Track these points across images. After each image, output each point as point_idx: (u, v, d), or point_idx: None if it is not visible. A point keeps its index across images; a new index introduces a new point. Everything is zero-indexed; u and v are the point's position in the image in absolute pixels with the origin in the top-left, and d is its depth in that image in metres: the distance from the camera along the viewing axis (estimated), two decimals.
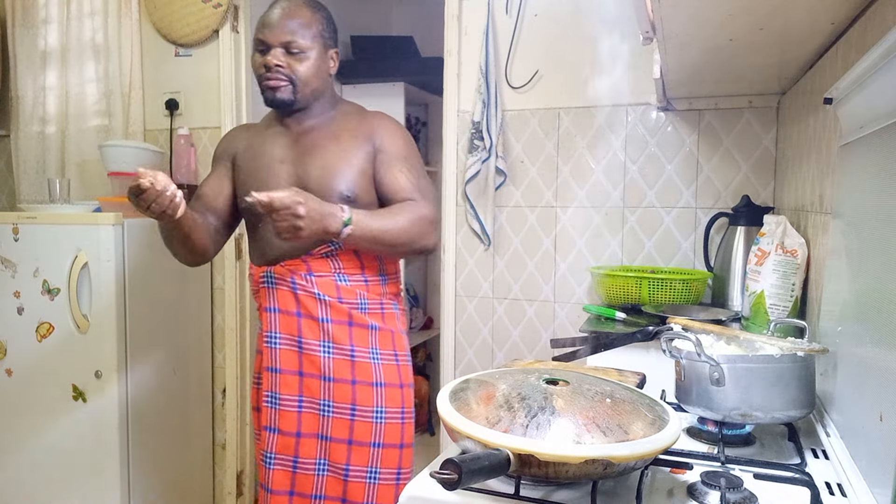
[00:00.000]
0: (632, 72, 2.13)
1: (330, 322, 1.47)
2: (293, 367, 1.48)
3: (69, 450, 2.17)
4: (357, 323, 1.49)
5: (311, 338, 1.47)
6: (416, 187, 1.50)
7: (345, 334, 1.48)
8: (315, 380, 1.47)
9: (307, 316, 1.47)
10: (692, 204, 2.11)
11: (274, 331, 1.49)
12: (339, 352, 1.47)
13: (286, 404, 1.48)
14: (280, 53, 1.45)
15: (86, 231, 2.11)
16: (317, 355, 1.47)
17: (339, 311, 1.48)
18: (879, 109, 0.86)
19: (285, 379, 1.48)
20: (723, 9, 1.09)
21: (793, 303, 1.43)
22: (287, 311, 1.48)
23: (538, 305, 2.30)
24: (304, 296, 1.47)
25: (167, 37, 2.58)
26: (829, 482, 0.87)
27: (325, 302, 1.47)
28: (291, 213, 1.25)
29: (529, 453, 0.72)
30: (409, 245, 1.45)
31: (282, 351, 1.49)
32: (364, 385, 1.47)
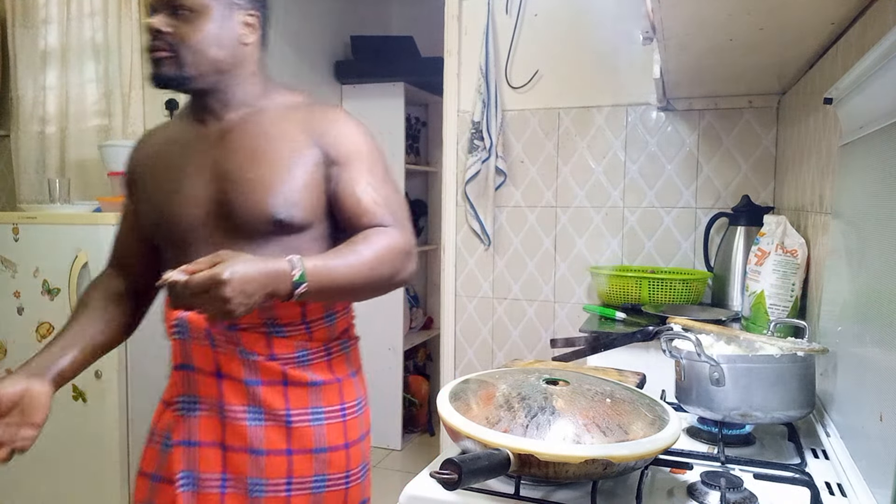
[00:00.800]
0: (632, 72, 2.13)
1: (259, 385, 1.13)
2: (215, 438, 1.14)
3: (69, 450, 2.17)
4: (294, 382, 1.16)
5: (236, 403, 1.13)
6: (385, 207, 1.15)
7: (278, 397, 1.14)
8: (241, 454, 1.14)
9: (229, 377, 1.13)
10: (692, 204, 2.11)
11: (190, 393, 1.15)
12: (271, 418, 1.14)
13: (207, 485, 1.14)
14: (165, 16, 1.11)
15: (86, 231, 2.11)
16: (243, 424, 1.13)
17: (270, 371, 1.14)
18: (879, 109, 0.86)
19: (205, 454, 1.13)
20: (723, 9, 1.09)
21: (793, 303, 1.43)
22: (204, 371, 1.14)
23: (538, 305, 2.30)
24: (224, 355, 1.13)
25: None
26: (829, 482, 0.87)
27: (251, 362, 1.13)
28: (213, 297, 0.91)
29: (529, 453, 0.72)
30: (379, 287, 1.12)
31: (202, 419, 1.14)
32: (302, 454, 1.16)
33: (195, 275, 0.92)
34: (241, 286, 0.93)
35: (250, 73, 1.19)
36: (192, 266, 0.93)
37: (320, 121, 1.17)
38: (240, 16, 1.15)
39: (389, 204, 1.16)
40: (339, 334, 1.25)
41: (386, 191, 1.17)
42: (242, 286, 0.93)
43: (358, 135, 1.19)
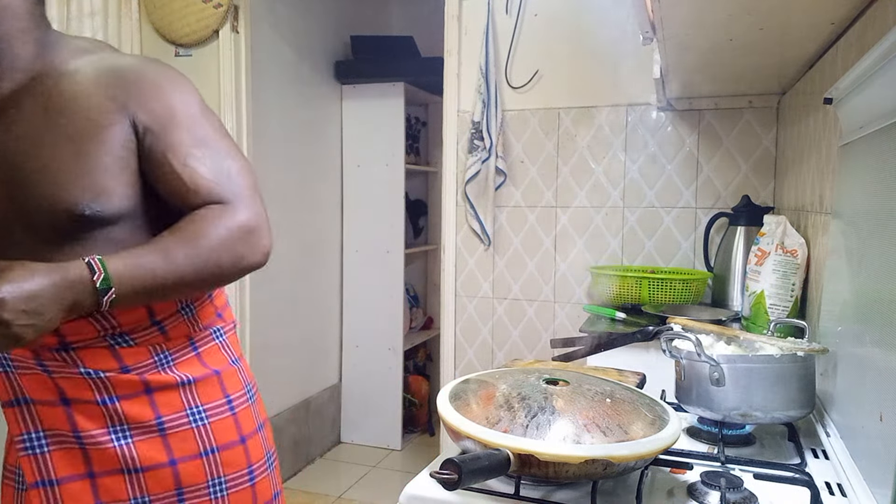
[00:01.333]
0: (632, 72, 2.13)
1: (118, 400, 0.95)
2: (78, 470, 0.96)
3: None
4: (159, 386, 0.98)
5: (94, 427, 0.95)
6: (218, 180, 0.93)
7: (144, 407, 0.97)
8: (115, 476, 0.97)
9: (78, 401, 0.94)
10: (692, 204, 2.11)
11: (31, 431, 0.94)
12: (140, 432, 0.97)
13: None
14: None
15: None
16: (109, 447, 0.95)
17: (127, 384, 0.96)
18: (879, 109, 0.86)
19: (70, 490, 0.95)
20: (723, 9, 1.09)
21: (793, 303, 1.43)
22: (44, 402, 0.94)
23: (538, 305, 2.30)
24: (64, 379, 0.93)
25: (167, 37, 2.58)
26: (829, 482, 0.87)
27: (101, 380, 0.94)
28: None
29: (529, 453, 0.72)
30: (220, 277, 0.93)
31: (55, 454, 0.95)
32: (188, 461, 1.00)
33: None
34: (20, 305, 0.76)
35: (17, 30, 0.91)
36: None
37: (124, 78, 0.93)
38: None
39: (223, 175, 0.94)
40: (207, 323, 1.06)
41: (213, 155, 0.95)
42: (23, 305, 0.76)
43: (173, 91, 0.95)
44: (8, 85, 0.91)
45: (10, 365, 0.94)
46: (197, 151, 0.93)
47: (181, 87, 0.95)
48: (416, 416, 3.44)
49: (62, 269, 0.80)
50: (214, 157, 0.94)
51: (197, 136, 0.93)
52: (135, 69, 0.94)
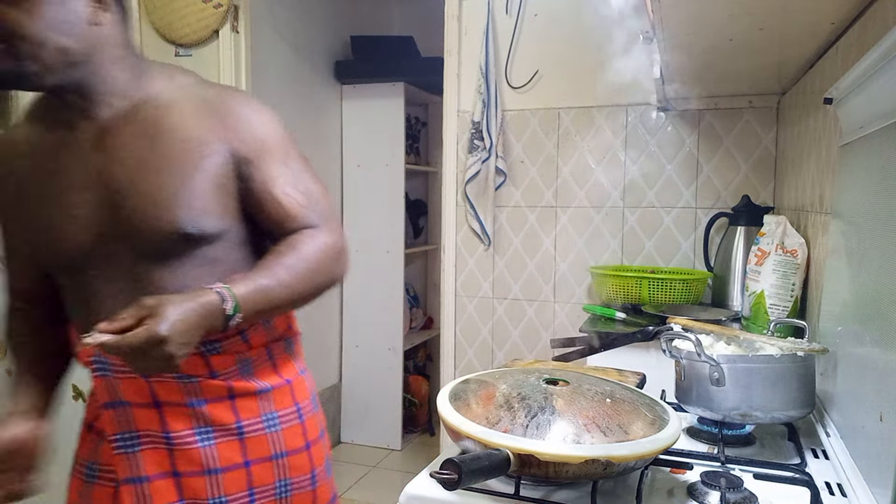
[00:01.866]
0: (631, 72, 2.13)
1: (204, 404, 1.04)
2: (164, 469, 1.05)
3: (69, 450, 2.16)
4: (241, 393, 1.07)
5: (182, 428, 1.03)
6: (309, 206, 1.04)
7: (227, 412, 1.06)
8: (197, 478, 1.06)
9: (169, 404, 1.03)
10: (692, 204, 2.11)
11: (128, 431, 1.03)
12: (222, 434, 1.06)
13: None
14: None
15: None
16: (194, 448, 1.04)
17: (213, 389, 1.05)
18: (879, 109, 0.86)
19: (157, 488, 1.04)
20: (723, 9, 1.09)
21: (793, 303, 1.43)
22: (139, 404, 1.03)
23: (538, 305, 2.30)
24: (158, 383, 1.02)
25: (167, 37, 2.58)
26: (829, 482, 0.87)
27: (192, 384, 1.03)
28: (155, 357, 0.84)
29: (529, 453, 0.72)
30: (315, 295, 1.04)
31: (145, 454, 1.04)
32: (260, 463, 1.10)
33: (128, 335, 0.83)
34: (178, 339, 0.85)
35: (114, 57, 0.98)
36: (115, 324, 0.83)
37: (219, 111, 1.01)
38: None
39: (312, 201, 1.05)
40: (280, 334, 1.14)
41: (305, 185, 1.05)
42: (182, 338, 0.85)
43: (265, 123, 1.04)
44: (107, 111, 0.98)
45: (111, 370, 1.02)
46: (290, 180, 1.03)
47: (268, 118, 1.05)
48: (416, 416, 3.44)
49: (199, 300, 0.88)
50: (301, 185, 1.05)
51: (289, 166, 1.04)
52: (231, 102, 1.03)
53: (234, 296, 0.91)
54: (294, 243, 1.01)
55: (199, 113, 1.00)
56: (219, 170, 0.99)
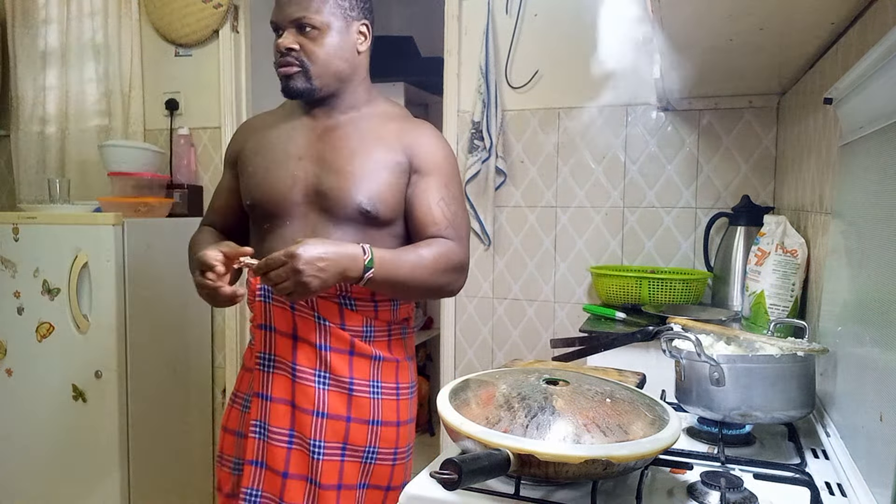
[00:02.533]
0: (632, 72, 2.13)
1: (329, 350, 1.27)
2: (285, 395, 1.27)
3: (69, 450, 2.17)
4: (359, 353, 1.29)
5: (307, 365, 1.26)
6: (452, 223, 1.29)
7: (344, 365, 1.28)
8: (307, 416, 1.26)
9: (303, 340, 1.27)
10: (692, 204, 2.11)
11: (268, 352, 1.29)
12: (335, 384, 1.27)
13: (275, 438, 1.26)
14: (292, 34, 1.25)
15: (86, 231, 2.11)
16: (311, 386, 1.26)
17: (340, 339, 1.27)
18: (879, 109, 0.86)
19: (276, 409, 1.27)
20: (723, 9, 1.09)
21: (793, 303, 1.43)
22: (283, 332, 1.28)
23: (538, 305, 2.30)
24: (302, 318, 1.27)
25: (167, 37, 2.58)
26: (829, 482, 0.87)
27: (325, 327, 1.26)
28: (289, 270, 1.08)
29: (529, 453, 0.72)
30: (432, 292, 1.28)
31: (275, 376, 1.28)
32: (358, 423, 1.28)
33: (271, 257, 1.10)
34: (313, 261, 1.09)
35: (362, 78, 1.34)
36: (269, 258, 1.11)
37: (411, 132, 1.32)
38: (355, 26, 1.30)
39: (455, 220, 1.30)
40: (401, 320, 1.36)
41: (455, 207, 1.31)
42: (315, 261, 1.09)
43: (441, 150, 1.33)
44: (346, 115, 1.33)
45: (269, 297, 1.28)
46: (443, 197, 1.29)
47: (445, 150, 1.34)
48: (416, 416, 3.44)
49: (344, 245, 1.15)
50: (452, 206, 1.30)
51: (447, 186, 1.31)
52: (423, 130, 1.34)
53: (372, 253, 1.16)
54: (431, 243, 1.26)
55: (397, 131, 1.31)
56: (397, 173, 1.28)
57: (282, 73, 1.28)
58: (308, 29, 1.25)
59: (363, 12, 1.31)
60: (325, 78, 1.28)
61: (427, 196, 1.28)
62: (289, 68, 1.26)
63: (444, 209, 1.29)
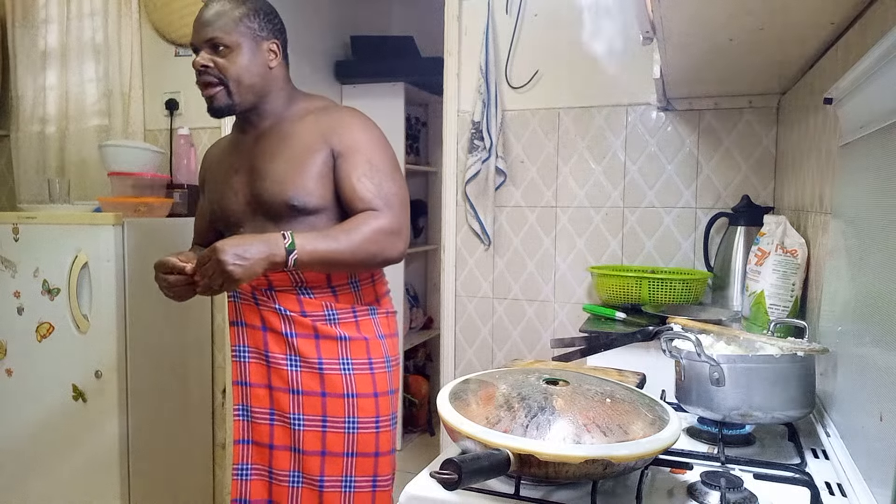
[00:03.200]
0: (632, 72, 2.13)
1: (294, 336, 1.41)
2: (262, 380, 1.45)
3: (69, 450, 2.17)
4: (324, 335, 1.42)
5: (278, 351, 1.42)
6: (378, 194, 1.35)
7: (311, 347, 1.41)
8: (284, 393, 1.42)
9: (271, 330, 1.42)
10: (692, 204, 2.11)
11: (242, 344, 1.46)
12: (306, 365, 1.41)
13: (258, 417, 1.45)
14: (207, 53, 1.39)
15: (86, 231, 2.11)
16: (284, 369, 1.42)
17: (303, 325, 1.41)
18: (879, 109, 0.86)
19: (255, 392, 1.45)
20: (723, 9, 1.09)
21: (793, 303, 1.43)
22: (252, 325, 1.44)
23: (538, 305, 2.30)
24: (266, 311, 1.42)
25: (167, 37, 2.58)
26: (829, 482, 0.87)
27: (287, 317, 1.41)
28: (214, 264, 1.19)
29: (529, 453, 0.72)
30: (367, 261, 1.34)
31: (251, 364, 1.46)
32: (334, 397, 1.41)
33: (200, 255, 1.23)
34: (233, 252, 1.19)
35: (278, 89, 1.44)
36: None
37: (329, 122, 1.40)
38: (265, 45, 1.41)
39: (381, 190, 1.36)
40: (367, 302, 1.48)
41: (379, 178, 1.37)
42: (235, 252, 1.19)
43: (360, 131, 1.40)
44: (270, 121, 1.45)
45: (238, 297, 1.45)
46: (368, 172, 1.36)
47: (366, 128, 1.41)
48: (416, 416, 3.44)
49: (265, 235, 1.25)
50: (378, 178, 1.36)
51: (369, 162, 1.37)
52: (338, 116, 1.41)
53: (293, 237, 1.24)
54: (356, 217, 1.33)
55: (318, 123, 1.40)
56: (322, 163, 1.37)
57: (205, 95, 1.40)
58: (221, 48, 1.37)
59: (273, 33, 1.42)
60: (242, 93, 1.39)
61: (350, 176, 1.35)
62: (211, 89, 1.38)
63: (367, 183, 1.35)
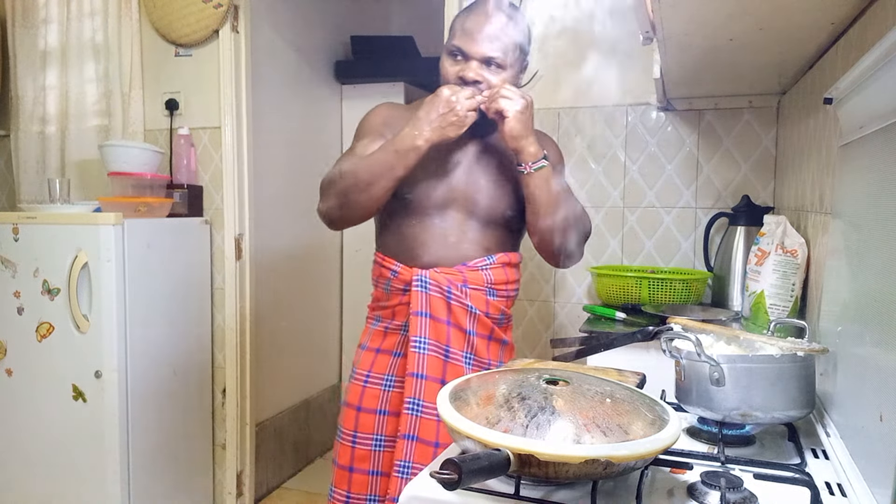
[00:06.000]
0: (632, 72, 2.13)
1: (475, 335, 1.44)
2: (438, 374, 1.41)
3: (69, 450, 2.17)
4: (495, 338, 1.47)
5: (457, 348, 1.42)
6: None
7: (485, 348, 1.45)
8: None
9: (456, 326, 1.42)
10: (692, 204, 2.11)
11: (423, 336, 1.41)
12: (478, 365, 1.44)
13: (428, 413, 1.39)
14: (477, 66, 1.36)
15: (86, 231, 2.11)
16: (461, 366, 1.42)
17: (484, 325, 1.45)
18: (879, 109, 0.86)
19: (430, 386, 1.40)
20: (723, 9, 1.09)
21: (793, 303, 1.43)
22: (437, 318, 1.42)
23: (538, 305, 2.30)
24: (456, 306, 1.42)
25: (167, 37, 2.58)
26: (829, 482, 0.87)
27: (474, 315, 1.43)
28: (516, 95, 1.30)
29: (529, 453, 0.72)
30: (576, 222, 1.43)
31: (429, 357, 1.41)
32: None
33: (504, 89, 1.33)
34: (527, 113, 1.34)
35: None
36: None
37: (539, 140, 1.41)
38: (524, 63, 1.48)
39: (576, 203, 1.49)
40: (511, 306, 1.54)
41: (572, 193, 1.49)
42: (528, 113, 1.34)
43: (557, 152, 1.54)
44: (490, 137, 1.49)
45: (427, 286, 1.41)
46: None
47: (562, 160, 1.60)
48: None
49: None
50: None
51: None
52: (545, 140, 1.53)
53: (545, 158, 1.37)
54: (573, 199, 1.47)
55: None
56: None
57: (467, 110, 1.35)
58: (494, 66, 1.38)
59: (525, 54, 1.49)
60: None
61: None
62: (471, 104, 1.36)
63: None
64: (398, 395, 1.45)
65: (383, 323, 1.53)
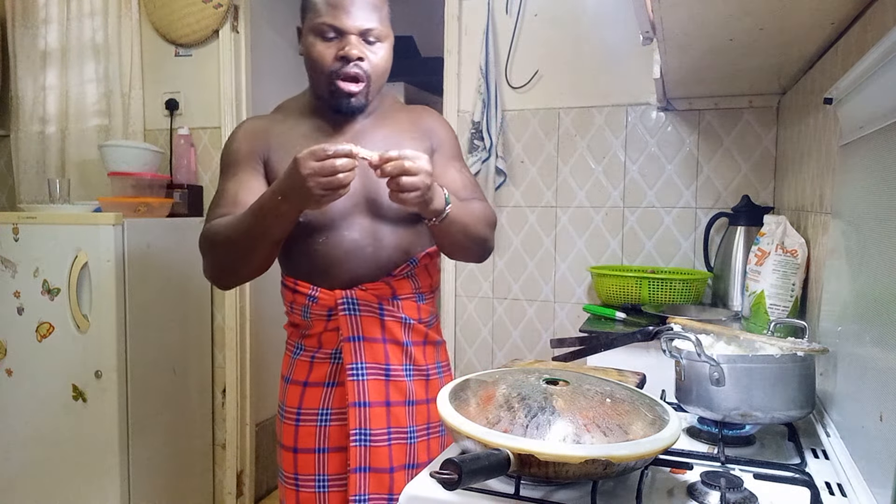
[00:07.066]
0: (632, 72, 2.13)
1: (411, 344, 1.34)
2: (381, 398, 1.30)
3: (69, 450, 2.17)
4: (430, 341, 1.39)
5: (397, 363, 1.32)
6: (474, 186, 1.37)
7: (421, 354, 1.37)
8: (401, 407, 1.32)
9: (392, 341, 1.32)
10: (692, 204, 2.11)
11: (359, 361, 1.29)
12: (417, 373, 1.35)
13: (377, 439, 1.29)
14: (356, 41, 1.19)
15: (86, 231, 2.11)
16: (403, 381, 1.32)
17: (418, 332, 1.36)
18: (879, 109, 0.86)
19: (375, 413, 1.29)
20: (723, 9, 1.09)
21: (793, 303, 1.43)
22: (372, 339, 1.31)
23: (538, 305, 2.30)
24: (390, 321, 1.32)
25: (167, 37, 2.58)
26: (829, 482, 0.87)
27: (409, 325, 1.34)
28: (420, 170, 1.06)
29: (529, 453, 0.72)
30: (483, 241, 1.31)
31: (370, 382, 1.29)
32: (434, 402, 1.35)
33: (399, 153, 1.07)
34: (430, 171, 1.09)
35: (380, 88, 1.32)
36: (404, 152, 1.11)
37: (425, 121, 1.37)
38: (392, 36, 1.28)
39: (475, 184, 1.39)
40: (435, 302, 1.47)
41: (468, 172, 1.41)
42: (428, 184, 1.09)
43: (451, 132, 1.41)
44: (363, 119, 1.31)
45: (356, 308, 1.29)
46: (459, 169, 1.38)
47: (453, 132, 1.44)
48: None
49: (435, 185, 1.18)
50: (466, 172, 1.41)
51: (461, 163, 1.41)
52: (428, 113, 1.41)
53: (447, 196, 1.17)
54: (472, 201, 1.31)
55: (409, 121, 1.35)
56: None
57: (346, 89, 1.21)
58: (373, 40, 1.21)
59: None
60: (375, 93, 1.27)
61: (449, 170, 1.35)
62: (357, 84, 1.21)
63: (464, 176, 1.37)
64: (338, 428, 1.32)
65: (308, 352, 1.36)
